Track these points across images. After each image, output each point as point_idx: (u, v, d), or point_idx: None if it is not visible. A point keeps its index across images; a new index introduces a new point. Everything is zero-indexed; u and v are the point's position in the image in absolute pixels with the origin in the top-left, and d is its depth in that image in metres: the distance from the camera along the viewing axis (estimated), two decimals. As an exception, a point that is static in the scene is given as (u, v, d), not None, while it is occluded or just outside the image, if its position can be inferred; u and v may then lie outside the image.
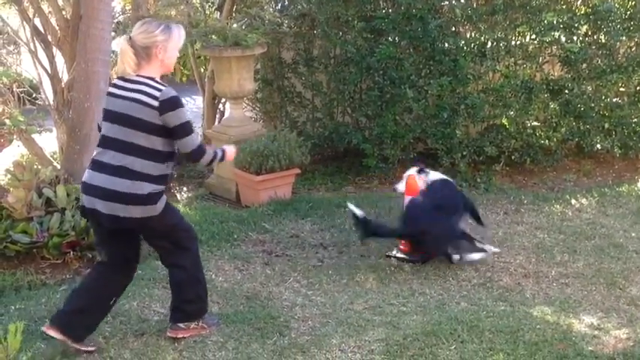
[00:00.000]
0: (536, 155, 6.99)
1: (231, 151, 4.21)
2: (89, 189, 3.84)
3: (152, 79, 3.83)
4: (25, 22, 6.57)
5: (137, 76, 3.83)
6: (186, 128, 3.81)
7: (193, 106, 12.11)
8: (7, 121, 5.68)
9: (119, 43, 3.86)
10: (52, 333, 3.93)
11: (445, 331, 4.10)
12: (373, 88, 6.96)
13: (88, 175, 3.87)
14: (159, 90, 3.77)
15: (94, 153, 3.92)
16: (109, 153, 3.80)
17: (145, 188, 3.76)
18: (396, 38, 6.90)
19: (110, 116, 3.84)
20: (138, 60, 3.80)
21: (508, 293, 4.64)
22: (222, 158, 4.14)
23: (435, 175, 5.43)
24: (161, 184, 3.85)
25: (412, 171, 5.46)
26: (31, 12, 6.50)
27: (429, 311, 4.42)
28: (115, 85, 3.88)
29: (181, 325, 4.16)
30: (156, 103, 3.73)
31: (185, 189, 7.56)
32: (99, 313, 4.11)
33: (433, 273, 4.99)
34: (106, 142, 3.85)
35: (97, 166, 3.83)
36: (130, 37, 3.81)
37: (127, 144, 3.77)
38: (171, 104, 3.75)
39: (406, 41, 6.84)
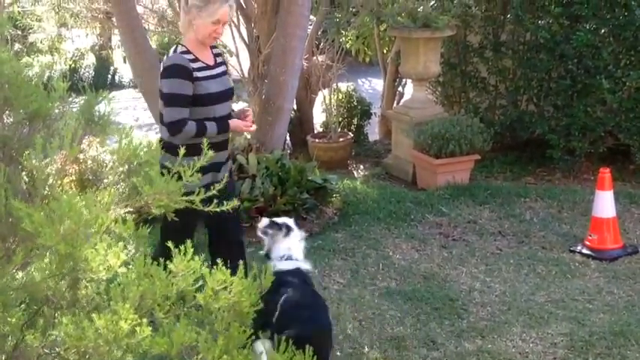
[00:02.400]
0: None
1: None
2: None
3: (179, 43, 3.83)
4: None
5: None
6: (163, 98, 3.70)
7: (368, 87, 12.30)
8: (210, 90, 6.08)
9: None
10: None
11: (635, 333, 3.91)
12: (565, 77, 6.67)
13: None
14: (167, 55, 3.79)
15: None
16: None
17: None
18: (595, 25, 6.55)
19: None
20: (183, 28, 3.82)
21: None
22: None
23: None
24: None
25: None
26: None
27: (617, 311, 4.22)
28: None
29: None
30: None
31: (362, 167, 7.71)
32: None
33: (622, 273, 4.75)
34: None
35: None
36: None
37: None
38: (163, 70, 3.72)
39: (606, 29, 6.47)
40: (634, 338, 3.87)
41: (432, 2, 7.33)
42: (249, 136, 6.40)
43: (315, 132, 8.19)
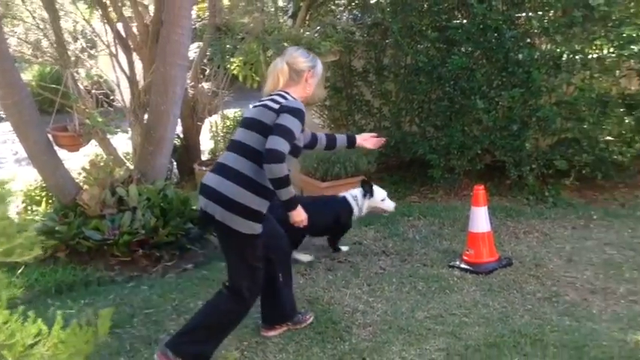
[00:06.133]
0: (607, 170, 6.78)
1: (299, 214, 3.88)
2: (204, 190, 3.80)
3: (288, 93, 3.88)
4: (108, 26, 6.82)
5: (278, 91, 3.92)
6: (282, 129, 3.65)
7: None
8: (87, 121, 5.91)
9: (275, 63, 3.94)
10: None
11: (508, 344, 4.04)
12: (443, 99, 6.92)
13: (206, 177, 3.85)
14: (287, 99, 3.81)
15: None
16: (231, 155, 3.81)
17: (252, 201, 3.70)
18: (469, 48, 6.84)
19: (242, 122, 3.90)
20: (288, 80, 3.90)
21: (574, 308, 4.52)
22: (290, 206, 3.81)
23: None
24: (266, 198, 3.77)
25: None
26: (113, 17, 6.74)
27: (491, 323, 4.36)
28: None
29: None
30: (277, 106, 3.75)
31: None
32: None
33: (497, 285, 4.92)
34: (230, 146, 3.89)
35: (216, 168, 3.83)
36: (286, 60, 3.92)
37: (244, 146, 3.77)
38: (290, 109, 3.73)
39: (479, 52, 6.77)
40: (507, 349, 4.00)
41: (316, 29, 7.46)
42: (131, 167, 6.27)
43: (203, 159, 8.11)
